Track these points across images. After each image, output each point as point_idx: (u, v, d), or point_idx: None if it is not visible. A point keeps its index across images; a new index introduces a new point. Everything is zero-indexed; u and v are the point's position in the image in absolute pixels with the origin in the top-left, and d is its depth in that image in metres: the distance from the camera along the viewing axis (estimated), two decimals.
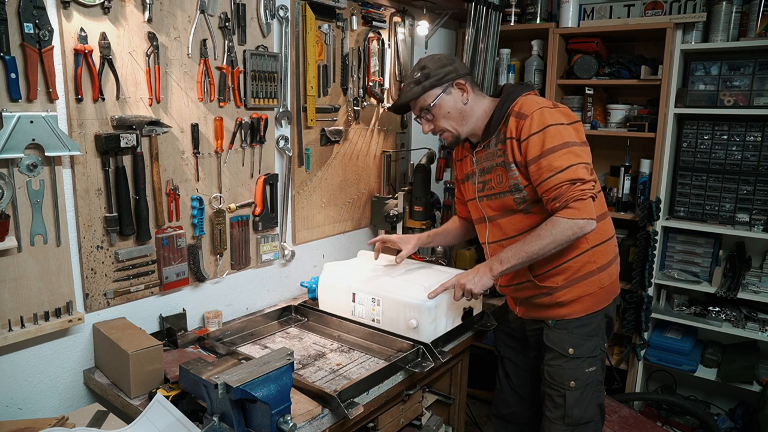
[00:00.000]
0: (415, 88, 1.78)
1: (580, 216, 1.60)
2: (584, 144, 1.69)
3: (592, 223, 1.62)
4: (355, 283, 2.04)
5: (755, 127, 2.59)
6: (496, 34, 2.85)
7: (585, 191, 1.60)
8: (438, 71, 1.76)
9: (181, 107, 1.83)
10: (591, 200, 1.62)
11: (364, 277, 2.05)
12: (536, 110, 1.67)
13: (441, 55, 1.82)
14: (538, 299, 1.83)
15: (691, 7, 2.68)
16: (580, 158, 1.63)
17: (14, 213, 1.48)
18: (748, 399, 2.83)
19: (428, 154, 2.81)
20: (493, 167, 1.79)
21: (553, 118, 1.66)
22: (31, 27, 1.43)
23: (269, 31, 2.05)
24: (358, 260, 2.23)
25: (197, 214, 1.91)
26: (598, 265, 1.78)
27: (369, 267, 2.13)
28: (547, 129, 1.64)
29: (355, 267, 2.16)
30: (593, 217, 1.62)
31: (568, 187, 1.60)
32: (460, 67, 1.80)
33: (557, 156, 1.62)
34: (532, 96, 1.76)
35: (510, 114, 1.72)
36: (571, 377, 1.79)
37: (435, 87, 1.76)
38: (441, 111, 1.79)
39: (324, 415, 1.48)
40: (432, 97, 1.77)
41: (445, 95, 1.77)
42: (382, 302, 1.94)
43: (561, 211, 1.62)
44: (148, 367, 1.56)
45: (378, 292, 1.96)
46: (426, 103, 1.78)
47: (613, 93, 3.00)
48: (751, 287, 2.64)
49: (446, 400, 2.25)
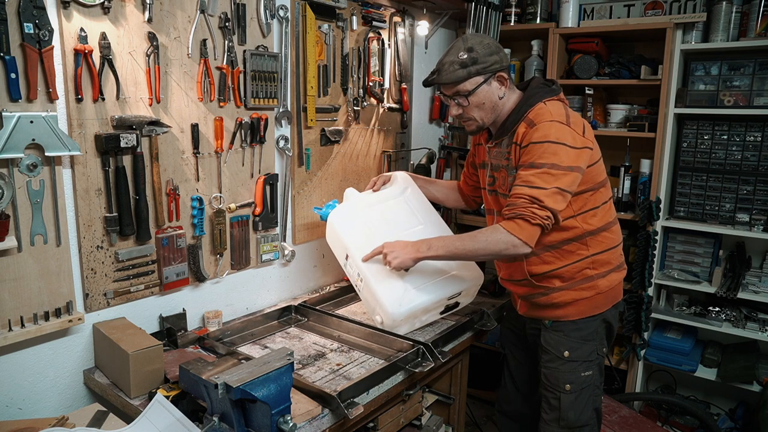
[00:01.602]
0: (459, 71, 1.67)
1: (519, 234, 1.59)
2: (575, 170, 1.62)
3: (525, 248, 1.61)
4: (353, 243, 1.96)
5: (755, 127, 2.59)
6: (496, 34, 2.85)
7: (536, 215, 1.58)
8: (486, 59, 1.67)
9: (181, 107, 1.82)
10: (538, 228, 1.60)
11: (364, 237, 1.96)
12: (546, 122, 1.63)
13: (489, 40, 1.72)
14: (535, 298, 1.83)
15: (691, 7, 2.68)
16: (557, 183, 1.58)
17: (14, 213, 1.48)
18: (748, 399, 2.83)
19: (428, 154, 2.81)
20: (500, 167, 1.78)
21: (558, 136, 1.61)
22: (31, 27, 1.43)
23: (269, 31, 2.05)
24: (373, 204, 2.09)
25: (197, 214, 1.91)
26: (598, 271, 1.78)
27: (377, 224, 2.01)
28: (545, 144, 1.60)
29: (367, 215, 2.04)
30: (530, 243, 1.61)
31: (524, 201, 1.59)
32: (504, 57, 1.72)
33: (537, 172, 1.59)
34: (552, 104, 1.70)
35: (524, 119, 1.69)
36: (567, 380, 1.79)
37: (479, 74, 1.68)
38: (477, 100, 1.70)
39: (324, 415, 1.48)
40: (473, 84, 1.68)
41: (486, 85, 1.69)
42: (364, 282, 1.90)
43: (506, 221, 1.62)
44: (148, 367, 1.56)
45: (364, 270, 1.90)
46: (465, 89, 1.69)
47: (613, 93, 3.00)
48: (751, 287, 2.64)
49: (446, 400, 2.25)
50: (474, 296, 2.16)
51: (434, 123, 3.13)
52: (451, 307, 2.06)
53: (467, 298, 2.13)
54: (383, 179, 2.16)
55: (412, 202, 2.12)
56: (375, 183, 2.15)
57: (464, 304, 2.13)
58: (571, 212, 1.71)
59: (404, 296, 1.87)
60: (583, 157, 1.65)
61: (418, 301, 1.88)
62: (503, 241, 1.61)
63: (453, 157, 3.19)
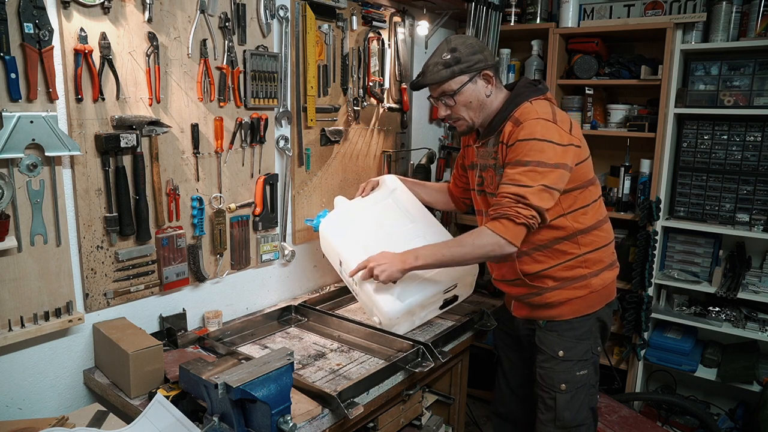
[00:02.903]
0: (443, 71, 1.69)
1: (504, 234, 1.58)
2: (561, 167, 1.61)
3: (511, 248, 1.60)
4: (345, 248, 1.97)
5: (755, 127, 2.59)
6: (496, 34, 2.85)
7: (520, 214, 1.57)
8: (469, 58, 1.68)
9: (181, 107, 1.83)
10: (523, 227, 1.58)
11: (356, 242, 1.97)
12: (532, 119, 1.63)
13: (473, 40, 1.74)
14: (529, 298, 1.83)
15: (691, 7, 2.68)
16: (543, 180, 1.57)
17: (14, 213, 1.48)
18: (748, 399, 2.83)
19: (428, 154, 2.81)
20: (487, 167, 1.79)
21: (543, 133, 1.61)
22: (31, 27, 1.43)
23: (269, 31, 2.05)
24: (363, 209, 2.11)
25: (197, 214, 1.91)
26: (591, 270, 1.78)
27: (368, 226, 2.03)
28: (531, 141, 1.60)
29: (357, 220, 2.05)
30: (515, 243, 1.59)
31: (510, 201, 1.58)
32: (489, 56, 1.73)
33: (523, 170, 1.59)
34: (539, 103, 1.70)
35: (510, 118, 1.70)
36: (562, 380, 1.79)
37: (463, 74, 1.69)
38: (463, 99, 1.72)
39: (324, 415, 1.48)
40: (458, 83, 1.70)
41: (471, 84, 1.71)
42: (359, 285, 1.91)
43: (492, 221, 1.61)
44: (148, 367, 1.56)
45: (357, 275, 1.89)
46: (450, 89, 1.71)
47: (613, 93, 3.00)
48: (751, 287, 2.64)
49: (446, 400, 2.25)
50: (472, 287, 2.15)
51: (434, 123, 3.13)
52: (450, 301, 2.06)
53: (465, 290, 2.11)
54: (371, 185, 2.17)
55: (401, 202, 2.13)
56: (363, 189, 2.16)
57: (463, 297, 2.12)
58: (560, 211, 1.71)
59: (399, 294, 1.87)
60: (570, 154, 1.64)
61: (413, 298, 1.89)
62: (489, 243, 1.60)
63: (453, 157, 3.19)
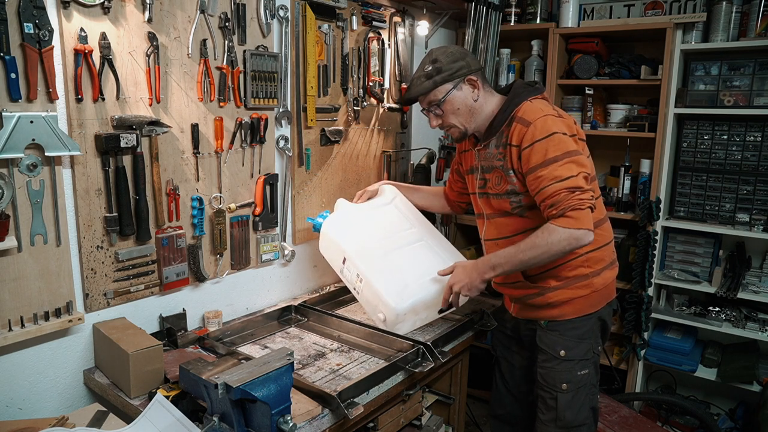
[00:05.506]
0: (425, 82, 1.73)
1: (577, 226, 1.56)
2: (580, 154, 1.66)
3: (589, 235, 1.59)
4: (350, 245, 1.99)
5: (755, 127, 2.59)
6: (496, 34, 2.85)
7: (583, 201, 1.57)
8: (450, 66, 1.71)
9: (181, 107, 1.82)
10: (589, 210, 1.59)
11: (360, 240, 1.99)
12: (540, 117, 1.64)
13: (453, 48, 1.77)
14: (530, 299, 1.83)
15: (691, 7, 2.68)
16: (582, 168, 1.61)
17: (14, 213, 1.48)
18: (748, 399, 2.83)
19: (428, 154, 2.81)
20: (493, 168, 1.78)
21: (558, 127, 1.63)
22: (31, 27, 1.43)
23: (269, 31, 2.05)
24: (366, 211, 2.14)
25: (197, 214, 1.91)
26: (592, 269, 1.77)
27: (371, 225, 2.05)
28: (552, 137, 1.61)
29: (360, 221, 2.08)
30: (591, 228, 1.59)
31: (566, 194, 1.57)
32: (472, 61, 1.75)
33: (559, 165, 1.59)
34: (538, 102, 1.72)
35: (513, 119, 1.70)
36: (563, 380, 1.79)
37: (446, 82, 1.72)
38: (450, 107, 1.74)
39: (324, 415, 1.48)
40: (442, 92, 1.73)
41: (456, 91, 1.73)
42: (364, 282, 1.92)
43: (557, 219, 1.59)
44: (148, 367, 1.56)
45: (363, 270, 1.92)
46: (436, 98, 1.74)
47: (613, 93, 3.00)
48: (751, 287, 2.65)
49: (446, 400, 2.25)
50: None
51: None
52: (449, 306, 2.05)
53: None
54: (369, 193, 2.19)
55: (402, 208, 2.17)
56: (361, 197, 2.18)
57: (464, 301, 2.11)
58: None
59: (405, 291, 1.87)
60: (579, 144, 1.70)
61: (419, 295, 1.89)
62: (564, 238, 1.58)
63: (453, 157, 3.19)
